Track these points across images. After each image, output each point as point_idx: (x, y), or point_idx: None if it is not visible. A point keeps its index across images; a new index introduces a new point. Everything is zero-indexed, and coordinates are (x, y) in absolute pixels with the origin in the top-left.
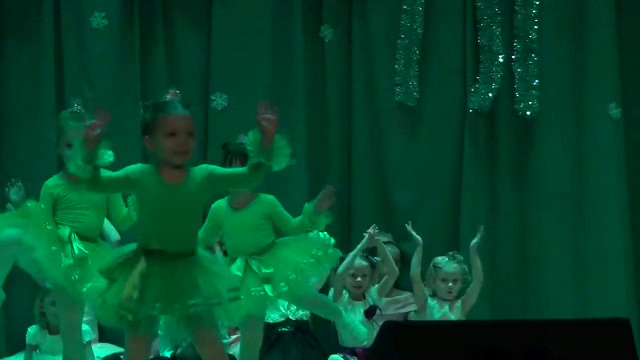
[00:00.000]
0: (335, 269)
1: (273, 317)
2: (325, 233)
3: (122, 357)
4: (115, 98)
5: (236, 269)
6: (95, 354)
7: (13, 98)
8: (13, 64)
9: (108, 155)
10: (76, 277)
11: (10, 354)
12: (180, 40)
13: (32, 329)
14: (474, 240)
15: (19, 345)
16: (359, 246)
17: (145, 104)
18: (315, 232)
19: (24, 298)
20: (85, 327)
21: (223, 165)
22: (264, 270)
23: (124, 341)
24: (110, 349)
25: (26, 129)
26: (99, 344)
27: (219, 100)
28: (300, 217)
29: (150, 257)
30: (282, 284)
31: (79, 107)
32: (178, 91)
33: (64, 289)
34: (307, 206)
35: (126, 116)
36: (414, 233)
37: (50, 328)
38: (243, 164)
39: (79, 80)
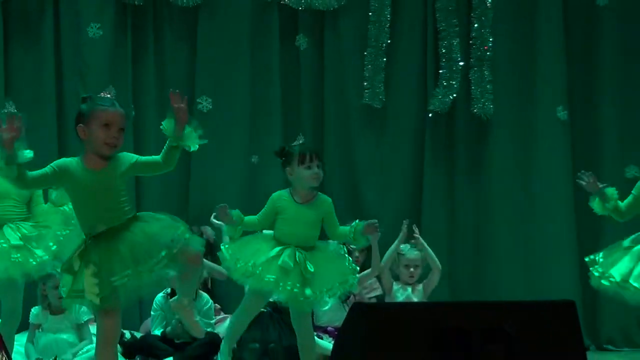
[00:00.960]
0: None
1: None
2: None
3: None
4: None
5: (287, 256)
6: (92, 332)
7: (16, 99)
8: (17, 69)
9: (27, 153)
10: None
11: (15, 333)
12: (168, 49)
13: (35, 310)
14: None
15: (23, 324)
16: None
17: (84, 96)
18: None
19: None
20: (83, 307)
21: (287, 165)
22: (309, 269)
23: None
24: None
25: (28, 128)
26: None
27: (204, 104)
28: (347, 228)
29: (96, 241)
30: (316, 292)
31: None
32: (110, 93)
33: None
34: (359, 224)
35: None
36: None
37: (51, 309)
38: (320, 161)
39: (76, 84)
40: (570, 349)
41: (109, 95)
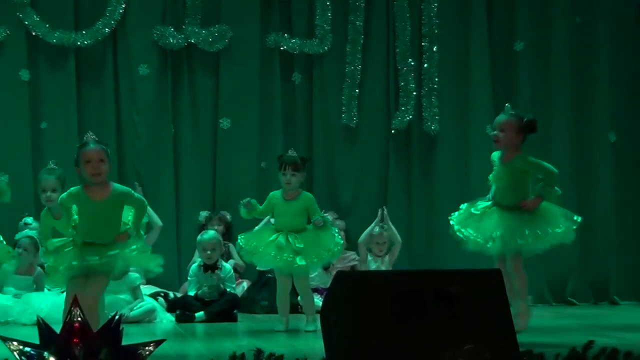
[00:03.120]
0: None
1: (263, 266)
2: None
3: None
4: (154, 123)
5: (280, 237)
6: (143, 292)
7: (84, 124)
8: (86, 101)
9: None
10: None
11: None
12: (198, 82)
13: None
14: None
15: None
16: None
17: (76, 147)
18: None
19: None
20: (135, 274)
21: (278, 171)
22: (297, 245)
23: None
24: (153, 288)
25: None
26: (146, 285)
27: (224, 123)
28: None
29: (84, 244)
30: (306, 259)
31: (52, 164)
32: (92, 134)
33: None
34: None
35: (160, 135)
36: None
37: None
38: (294, 171)
39: (130, 110)
40: (497, 306)
41: (92, 137)
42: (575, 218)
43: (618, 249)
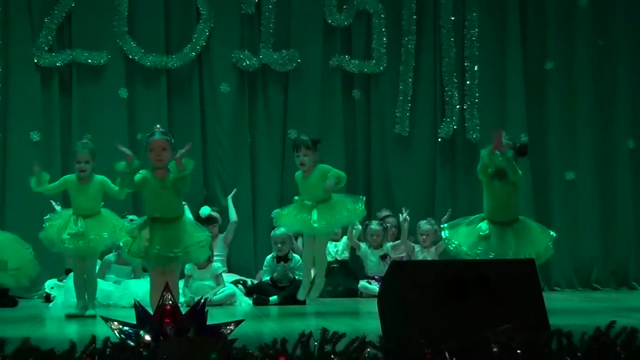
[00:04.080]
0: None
1: (329, 258)
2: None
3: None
4: (234, 133)
5: (301, 204)
6: (225, 280)
7: (174, 135)
8: (176, 115)
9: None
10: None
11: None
12: (271, 98)
13: (188, 265)
14: (444, 218)
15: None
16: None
17: (146, 135)
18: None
19: None
20: (217, 264)
21: (294, 153)
22: (314, 215)
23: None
24: (233, 276)
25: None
26: (228, 273)
27: (292, 133)
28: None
29: (153, 222)
30: (323, 220)
31: (87, 139)
32: (159, 126)
33: None
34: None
35: (239, 143)
36: (407, 215)
37: (198, 265)
38: (306, 150)
39: (214, 123)
40: (530, 290)
41: (159, 128)
42: (551, 234)
43: (636, 242)
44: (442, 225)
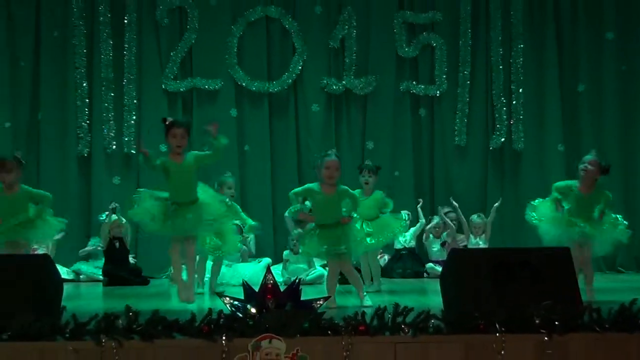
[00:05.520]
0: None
1: (398, 246)
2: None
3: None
4: (323, 144)
5: (357, 224)
6: (315, 263)
7: (275, 148)
8: (277, 133)
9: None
10: None
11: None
12: (352, 116)
13: (286, 251)
14: (495, 205)
15: (279, 259)
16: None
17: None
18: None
19: None
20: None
21: (359, 174)
22: (366, 229)
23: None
24: (322, 261)
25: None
26: (317, 259)
27: (369, 144)
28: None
29: (322, 228)
30: (375, 239)
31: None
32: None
33: None
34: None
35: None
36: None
37: (294, 251)
38: (370, 174)
39: (306, 137)
40: (566, 272)
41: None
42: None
43: None
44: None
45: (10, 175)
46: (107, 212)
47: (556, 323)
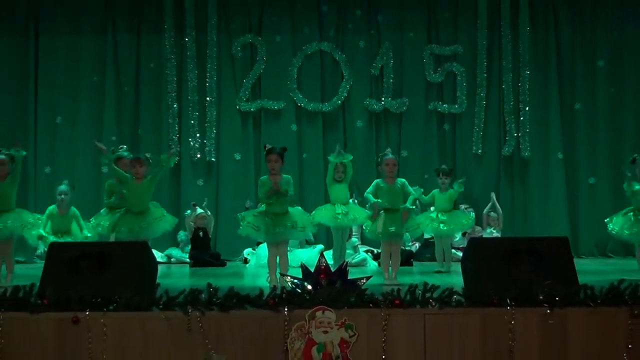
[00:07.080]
0: None
1: (427, 235)
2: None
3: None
4: (365, 155)
5: (433, 214)
6: (360, 249)
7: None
8: (327, 142)
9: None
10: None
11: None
12: (389, 131)
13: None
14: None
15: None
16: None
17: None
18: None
19: None
20: (355, 239)
21: (437, 177)
22: (441, 217)
23: (373, 244)
24: (365, 247)
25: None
26: (362, 245)
27: (404, 153)
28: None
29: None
30: (448, 226)
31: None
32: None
33: None
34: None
35: (368, 163)
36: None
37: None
38: (445, 176)
39: (352, 148)
40: (564, 258)
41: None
42: None
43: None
44: None
45: (142, 169)
46: (190, 210)
47: (557, 299)
